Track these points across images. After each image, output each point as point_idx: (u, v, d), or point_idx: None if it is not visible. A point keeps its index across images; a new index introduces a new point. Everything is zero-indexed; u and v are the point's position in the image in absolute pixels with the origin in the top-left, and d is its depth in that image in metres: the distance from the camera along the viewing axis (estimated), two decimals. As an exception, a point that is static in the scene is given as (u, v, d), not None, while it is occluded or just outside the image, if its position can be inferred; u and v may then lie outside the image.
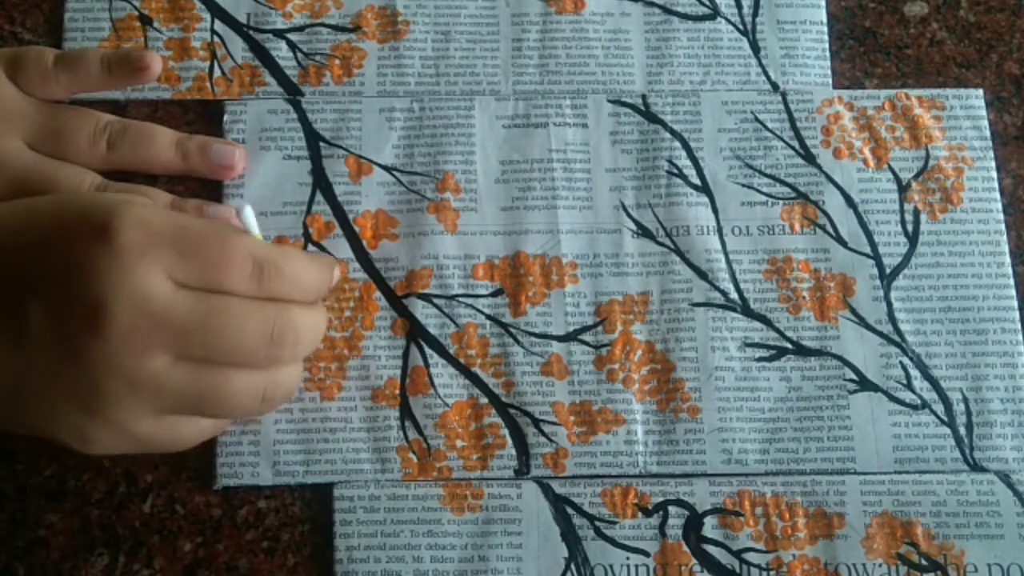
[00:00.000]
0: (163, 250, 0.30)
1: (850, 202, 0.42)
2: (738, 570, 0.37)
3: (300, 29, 0.43)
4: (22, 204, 0.32)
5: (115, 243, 0.29)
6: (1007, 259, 0.41)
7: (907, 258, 0.41)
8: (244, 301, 0.32)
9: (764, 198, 0.42)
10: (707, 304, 0.40)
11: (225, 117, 0.42)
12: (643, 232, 0.41)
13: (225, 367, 0.32)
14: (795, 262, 0.41)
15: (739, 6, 0.45)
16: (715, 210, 0.42)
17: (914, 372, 0.40)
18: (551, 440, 0.39)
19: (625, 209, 0.42)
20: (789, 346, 0.40)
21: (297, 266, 0.33)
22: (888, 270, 0.41)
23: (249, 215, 0.34)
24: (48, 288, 0.30)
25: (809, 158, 0.42)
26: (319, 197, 0.41)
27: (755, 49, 0.44)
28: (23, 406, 0.32)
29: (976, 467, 0.39)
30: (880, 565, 0.37)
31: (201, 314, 0.31)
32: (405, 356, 0.40)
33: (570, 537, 0.38)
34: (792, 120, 0.43)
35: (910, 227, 0.42)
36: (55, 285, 0.30)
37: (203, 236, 0.31)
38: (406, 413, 0.39)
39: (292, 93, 0.43)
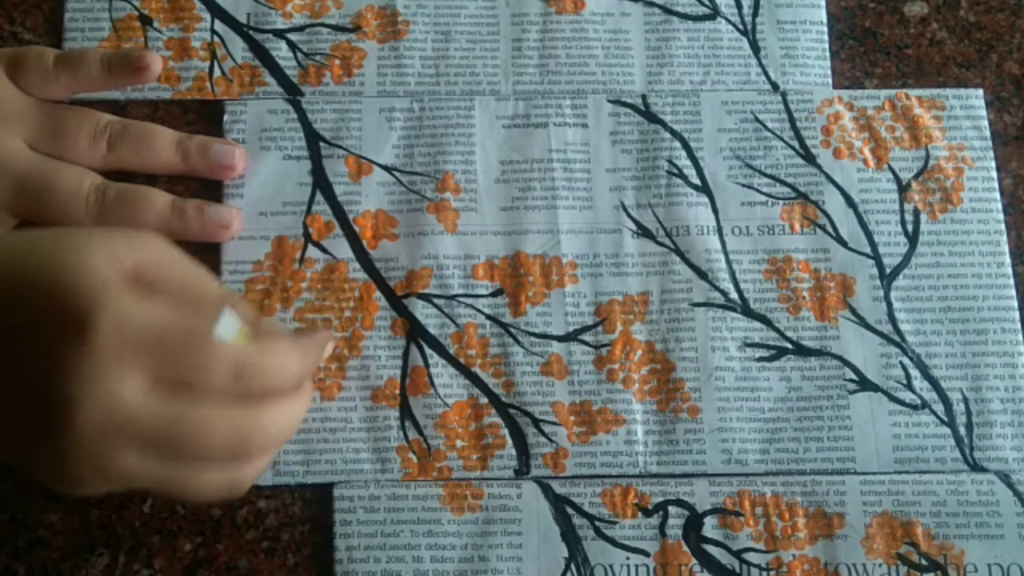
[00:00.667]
0: (139, 354, 0.29)
1: (850, 202, 0.42)
2: (738, 570, 0.37)
3: (300, 29, 0.43)
4: (3, 270, 0.31)
5: (91, 344, 0.29)
6: (1007, 259, 0.41)
7: (907, 258, 0.41)
8: (215, 408, 0.31)
9: (764, 198, 0.42)
10: (707, 304, 0.40)
11: (225, 117, 0.42)
12: (643, 232, 0.41)
13: (193, 463, 0.31)
14: (795, 262, 0.41)
15: (739, 6, 0.45)
16: (715, 210, 0.42)
17: (914, 372, 0.40)
18: (551, 440, 0.39)
19: (625, 209, 0.42)
20: (789, 346, 0.40)
21: (281, 360, 0.32)
22: (888, 270, 0.41)
23: (227, 323, 0.31)
24: (24, 373, 0.29)
25: (809, 158, 0.42)
26: (319, 197, 0.41)
27: (755, 49, 0.44)
28: (6, 453, 0.32)
29: (976, 467, 0.39)
30: (880, 565, 0.37)
31: (170, 422, 0.30)
32: (405, 356, 0.40)
33: (570, 537, 0.38)
34: (792, 120, 0.43)
35: (910, 227, 0.42)
36: (31, 373, 0.29)
37: (182, 341, 0.30)
38: (406, 413, 0.39)
39: (292, 93, 0.43)
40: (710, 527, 0.38)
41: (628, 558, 0.38)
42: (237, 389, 0.31)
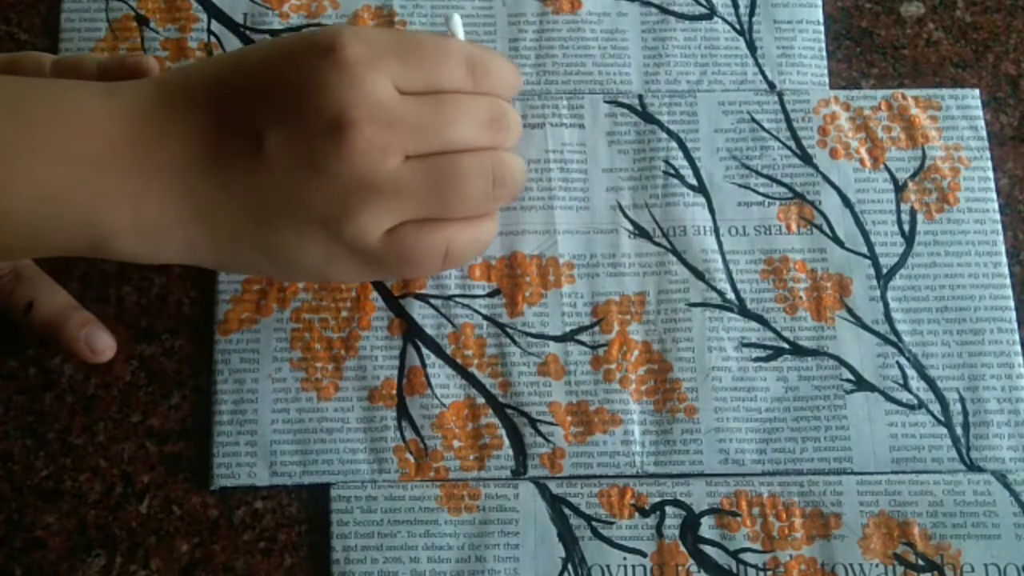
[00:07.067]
0: (387, 59, 0.32)
1: (847, 202, 0.42)
2: (735, 570, 0.37)
3: (297, 29, 0.43)
4: (243, 49, 0.36)
5: (342, 59, 0.31)
6: (1003, 259, 0.41)
7: (904, 258, 0.41)
8: (463, 95, 0.34)
9: (761, 198, 0.42)
10: (704, 304, 0.40)
11: (222, 117, 0.42)
12: (640, 232, 0.41)
13: (453, 154, 0.33)
14: (792, 262, 0.41)
15: (735, 6, 0.45)
16: (712, 210, 0.42)
17: (911, 372, 0.40)
18: (548, 440, 0.39)
19: (622, 209, 0.42)
20: (786, 346, 0.40)
21: (500, 63, 0.35)
22: (885, 270, 0.41)
23: (457, 23, 0.36)
24: (282, 114, 0.31)
25: (806, 158, 0.42)
26: (316, 197, 0.41)
27: (752, 49, 0.44)
28: (259, 229, 0.32)
29: (973, 467, 0.39)
30: (877, 565, 0.37)
31: (431, 110, 0.32)
32: (402, 356, 0.40)
33: (567, 537, 0.38)
34: (789, 120, 0.43)
35: (906, 227, 0.42)
36: (290, 109, 0.31)
37: (420, 43, 0.33)
38: (403, 413, 0.39)
39: (289, 93, 0.43)
40: (707, 527, 0.38)
41: (625, 558, 0.38)
42: (474, 85, 0.34)
